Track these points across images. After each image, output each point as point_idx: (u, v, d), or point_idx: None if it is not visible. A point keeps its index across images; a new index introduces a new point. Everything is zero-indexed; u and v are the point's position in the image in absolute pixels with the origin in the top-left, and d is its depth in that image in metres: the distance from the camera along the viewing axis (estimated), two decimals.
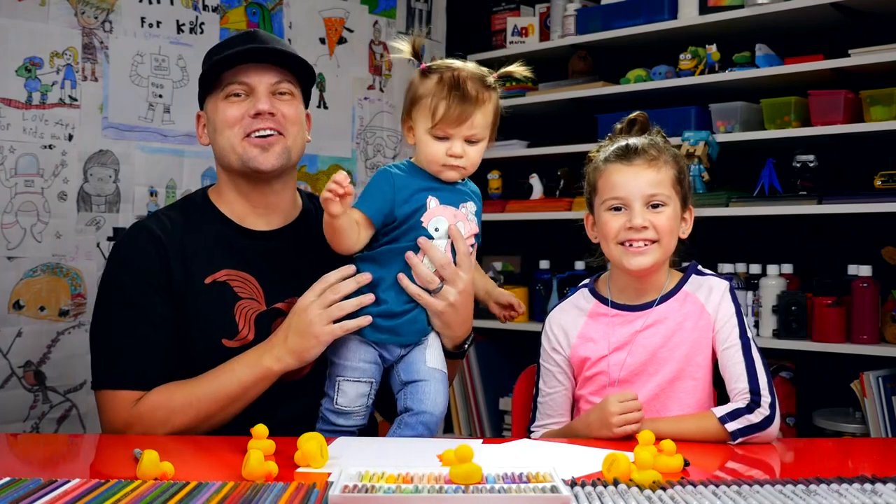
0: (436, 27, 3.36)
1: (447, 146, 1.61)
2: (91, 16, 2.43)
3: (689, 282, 1.67)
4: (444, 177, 1.64)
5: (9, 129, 2.28)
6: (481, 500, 1.09)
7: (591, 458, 1.36)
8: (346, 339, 1.63)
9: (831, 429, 2.54)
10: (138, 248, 1.67)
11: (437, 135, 1.61)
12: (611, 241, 1.62)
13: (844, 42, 2.60)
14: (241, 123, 1.69)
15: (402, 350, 1.64)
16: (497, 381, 3.26)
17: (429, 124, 1.60)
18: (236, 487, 1.14)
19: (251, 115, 1.68)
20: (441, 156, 1.61)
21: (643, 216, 1.59)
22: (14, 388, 2.28)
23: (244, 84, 1.69)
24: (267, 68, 1.71)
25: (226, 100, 1.70)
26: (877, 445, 1.90)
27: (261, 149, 1.68)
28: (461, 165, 1.63)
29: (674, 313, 1.64)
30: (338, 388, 1.62)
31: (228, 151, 1.70)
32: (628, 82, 2.96)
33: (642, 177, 1.60)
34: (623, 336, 1.65)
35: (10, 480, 1.16)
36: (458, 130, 1.60)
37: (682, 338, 1.62)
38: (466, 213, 1.66)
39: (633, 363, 1.63)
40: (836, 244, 2.75)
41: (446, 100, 1.59)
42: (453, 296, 1.62)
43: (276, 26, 2.85)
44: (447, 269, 1.61)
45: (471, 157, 1.63)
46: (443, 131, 1.60)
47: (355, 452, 1.43)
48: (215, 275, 1.68)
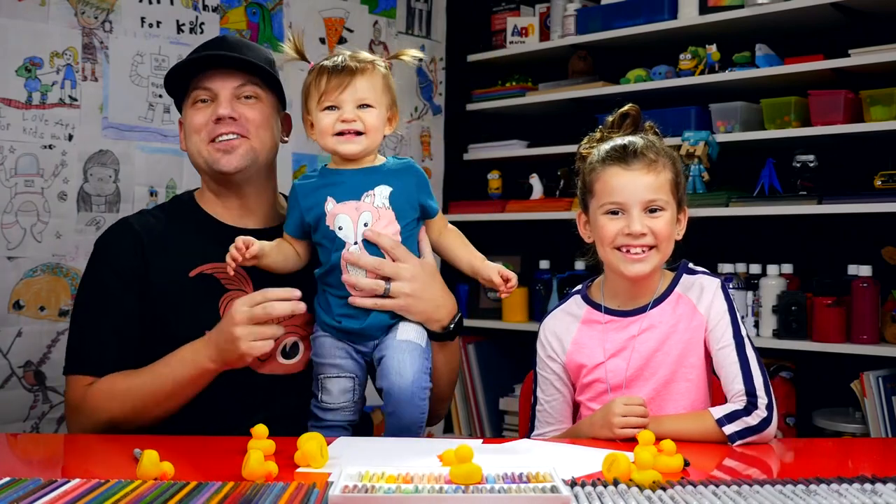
0: (436, 27, 3.35)
1: (338, 114, 1.61)
2: (91, 16, 2.43)
3: (680, 282, 1.65)
4: (342, 151, 1.62)
5: (9, 129, 2.28)
6: (481, 500, 1.09)
7: (591, 458, 1.36)
8: (321, 339, 1.65)
9: (831, 429, 2.54)
10: (114, 242, 1.74)
11: (325, 105, 1.62)
12: (607, 245, 1.61)
13: (844, 42, 2.60)
14: (206, 129, 1.73)
15: (374, 341, 1.64)
16: (497, 381, 3.26)
17: (317, 100, 1.62)
18: (236, 487, 1.14)
19: (213, 120, 1.72)
20: (332, 124, 1.61)
21: (641, 222, 1.56)
22: (14, 388, 2.28)
23: (207, 90, 1.73)
24: (230, 73, 1.73)
25: (193, 106, 1.75)
26: (877, 445, 1.90)
27: (223, 152, 1.72)
28: (355, 129, 1.61)
29: (667, 316, 1.63)
30: (321, 385, 1.64)
31: (196, 155, 1.76)
32: (628, 82, 2.97)
33: (641, 181, 1.57)
34: (618, 342, 1.64)
35: (10, 480, 1.16)
36: (343, 97, 1.60)
37: (676, 340, 1.61)
38: (373, 200, 1.62)
39: (630, 369, 1.62)
40: (836, 244, 2.75)
41: (327, 73, 1.62)
42: (407, 286, 1.61)
43: (276, 26, 2.85)
44: (384, 268, 1.61)
45: (366, 120, 1.62)
46: (329, 99, 1.61)
47: (355, 452, 1.43)
48: (201, 267, 1.71)
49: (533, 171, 3.25)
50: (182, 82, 1.77)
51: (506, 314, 3.19)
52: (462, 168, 3.43)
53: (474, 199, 3.36)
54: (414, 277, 1.62)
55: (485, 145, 3.39)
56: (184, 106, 1.79)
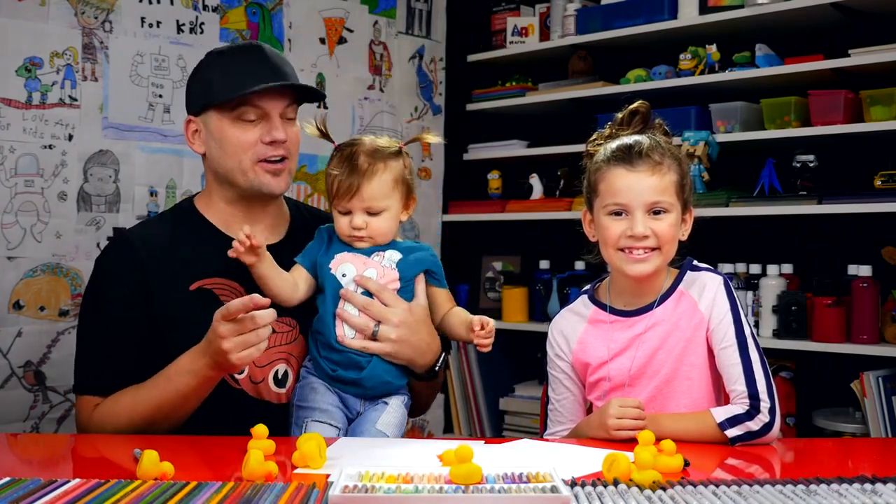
0: (436, 27, 3.35)
1: (349, 219, 1.65)
2: (91, 16, 2.43)
3: (684, 279, 1.65)
4: (356, 246, 1.68)
5: (9, 129, 2.28)
6: (481, 500, 1.09)
7: (592, 458, 1.36)
8: (312, 384, 1.66)
9: (831, 429, 2.54)
10: (114, 261, 1.73)
11: (338, 209, 1.65)
12: (610, 246, 1.60)
13: (844, 42, 2.60)
14: (255, 148, 1.70)
15: (362, 406, 1.66)
16: (497, 381, 3.26)
17: (331, 199, 1.66)
18: (236, 487, 1.14)
19: (266, 141, 1.70)
20: (346, 228, 1.66)
21: (644, 224, 1.56)
22: (14, 388, 2.28)
23: (259, 108, 1.70)
24: (281, 94, 1.72)
25: (237, 122, 1.71)
26: (877, 445, 1.90)
27: (273, 174, 1.72)
28: (366, 236, 1.65)
29: (669, 314, 1.62)
30: (305, 428, 1.61)
31: (237, 173, 1.72)
32: (628, 82, 2.97)
33: (645, 183, 1.56)
34: (622, 341, 1.64)
35: (10, 480, 1.16)
36: (353, 203, 1.63)
37: (678, 338, 1.61)
38: (381, 260, 1.67)
39: (634, 367, 1.62)
40: (836, 244, 2.75)
41: (339, 175, 1.63)
42: (393, 333, 1.64)
43: (276, 26, 2.85)
44: (373, 309, 1.64)
45: (374, 227, 1.65)
46: (342, 206, 1.64)
47: (355, 452, 1.43)
48: (201, 281, 1.70)
49: (533, 171, 3.25)
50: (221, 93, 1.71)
51: (506, 314, 3.19)
52: (462, 168, 3.43)
53: (474, 199, 3.36)
54: (401, 323, 1.65)
55: (485, 145, 3.38)
56: (213, 112, 1.72)
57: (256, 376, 1.69)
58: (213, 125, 1.73)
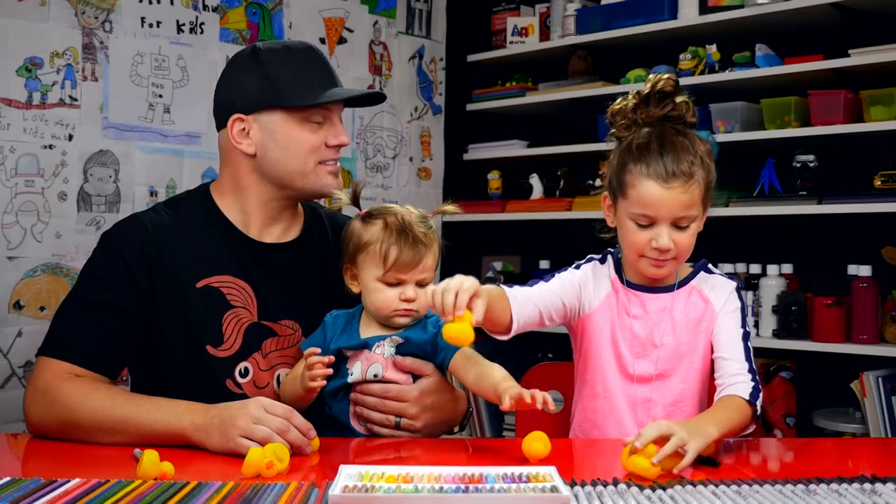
0: (436, 27, 3.35)
1: (400, 291, 1.59)
2: (91, 16, 2.43)
3: (697, 277, 1.67)
4: (394, 323, 1.61)
5: (9, 129, 2.28)
6: (481, 500, 1.09)
7: (591, 458, 1.36)
8: None
9: (831, 429, 2.54)
10: (122, 238, 1.65)
11: (388, 281, 1.59)
12: (634, 252, 1.61)
13: (844, 42, 2.60)
14: (319, 150, 1.70)
15: None
16: None
17: (380, 272, 1.59)
18: (236, 487, 1.14)
19: (332, 144, 1.70)
20: (394, 302, 1.59)
21: (669, 237, 1.56)
22: (14, 388, 2.28)
23: (327, 111, 1.71)
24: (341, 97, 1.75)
25: (304, 123, 1.68)
26: (877, 445, 1.90)
27: (333, 176, 1.72)
28: (415, 309, 1.60)
29: (679, 302, 1.64)
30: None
31: (297, 175, 1.69)
32: (628, 82, 2.97)
33: (676, 200, 1.55)
34: (626, 319, 1.65)
35: (10, 480, 1.16)
36: (411, 275, 1.59)
37: (683, 325, 1.63)
38: (382, 352, 1.60)
39: (634, 345, 1.63)
40: (836, 244, 2.75)
41: (397, 245, 1.58)
42: (417, 423, 1.60)
43: (276, 26, 2.85)
44: (387, 406, 1.59)
45: (423, 300, 1.60)
46: (395, 277, 1.59)
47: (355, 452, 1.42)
48: (209, 279, 1.66)
49: (533, 171, 3.25)
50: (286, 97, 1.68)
51: None
52: (462, 168, 3.43)
53: (474, 199, 3.36)
54: (419, 412, 1.61)
55: (485, 145, 3.39)
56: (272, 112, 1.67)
57: (260, 381, 1.68)
58: (275, 126, 1.68)
